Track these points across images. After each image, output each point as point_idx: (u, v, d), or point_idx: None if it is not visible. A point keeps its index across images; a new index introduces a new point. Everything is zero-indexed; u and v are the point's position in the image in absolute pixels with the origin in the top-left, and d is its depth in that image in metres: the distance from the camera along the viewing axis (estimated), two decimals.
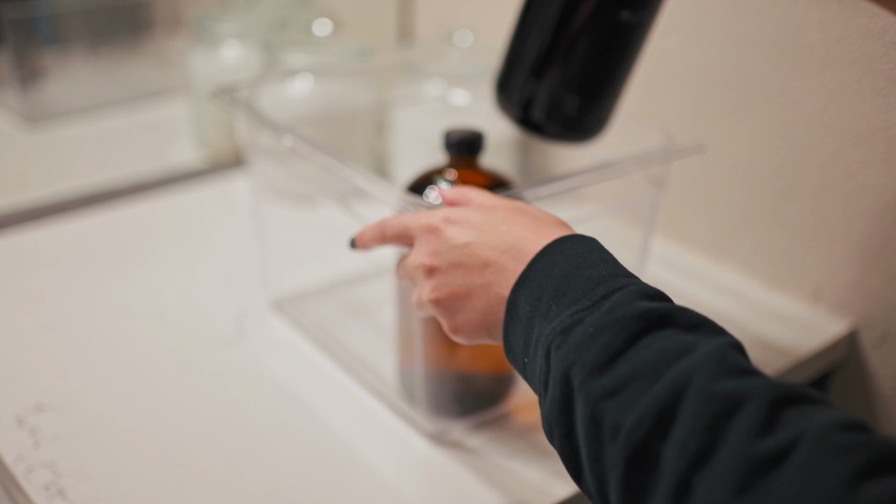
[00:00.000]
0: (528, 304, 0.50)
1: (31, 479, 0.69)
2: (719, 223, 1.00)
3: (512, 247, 0.53)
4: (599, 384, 0.42)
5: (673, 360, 0.41)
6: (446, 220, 0.56)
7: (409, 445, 0.74)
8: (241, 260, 0.99)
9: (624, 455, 0.40)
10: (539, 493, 0.69)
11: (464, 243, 0.55)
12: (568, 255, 0.50)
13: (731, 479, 0.36)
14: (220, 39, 1.23)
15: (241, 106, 0.82)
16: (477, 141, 0.72)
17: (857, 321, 0.90)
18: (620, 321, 0.44)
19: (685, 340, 0.42)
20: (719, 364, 0.40)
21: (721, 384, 0.39)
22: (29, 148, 1.30)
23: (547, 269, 0.50)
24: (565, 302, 0.47)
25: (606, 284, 0.47)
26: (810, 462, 0.35)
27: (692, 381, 0.39)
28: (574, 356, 0.44)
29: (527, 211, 0.55)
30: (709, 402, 0.38)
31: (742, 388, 0.38)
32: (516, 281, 0.51)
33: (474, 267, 0.54)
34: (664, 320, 0.44)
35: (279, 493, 0.68)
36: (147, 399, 0.78)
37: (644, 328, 0.43)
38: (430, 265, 0.56)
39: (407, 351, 0.76)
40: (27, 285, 0.94)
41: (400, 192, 0.67)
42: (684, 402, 0.39)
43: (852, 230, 0.88)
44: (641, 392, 0.41)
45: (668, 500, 0.38)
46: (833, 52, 0.84)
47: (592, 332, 0.44)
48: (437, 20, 1.24)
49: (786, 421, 0.37)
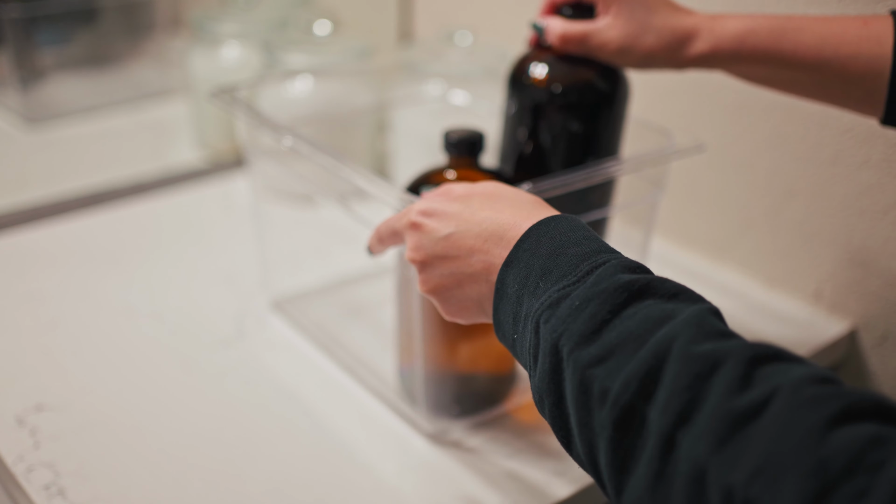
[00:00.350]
0: (517, 283, 0.51)
1: (31, 478, 0.69)
2: (719, 223, 1.00)
3: (494, 233, 0.54)
4: (587, 353, 0.44)
5: (655, 327, 0.43)
6: (424, 214, 0.57)
7: (408, 445, 0.74)
8: (242, 260, 0.99)
9: (612, 418, 0.42)
10: (539, 493, 0.69)
11: (445, 235, 0.56)
12: (553, 234, 0.51)
13: (713, 434, 0.38)
14: (220, 39, 1.23)
15: (241, 106, 0.82)
16: (477, 141, 0.72)
17: (857, 321, 0.90)
18: (604, 293, 0.46)
19: (666, 308, 0.44)
20: (699, 328, 0.42)
21: (701, 346, 0.41)
22: (29, 148, 1.30)
23: (533, 249, 0.51)
24: (552, 279, 0.49)
25: (590, 261, 0.49)
26: (785, 413, 0.37)
27: (674, 344, 0.41)
28: (562, 328, 0.46)
29: (502, 194, 0.57)
30: (689, 363, 0.40)
31: (720, 348, 0.41)
32: (504, 261, 0.53)
33: (459, 257, 0.55)
34: (645, 290, 0.46)
35: (279, 493, 0.68)
36: (147, 399, 0.78)
37: (627, 298, 0.45)
38: (416, 259, 0.57)
39: (407, 351, 0.76)
40: (27, 285, 0.94)
41: (400, 192, 0.67)
42: (667, 364, 0.41)
43: (852, 230, 0.88)
44: (627, 358, 0.43)
45: (654, 459, 0.40)
46: None
47: (579, 305, 0.46)
48: (437, 20, 1.24)
49: (762, 377, 0.39)
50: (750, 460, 0.36)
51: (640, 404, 0.41)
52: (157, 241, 1.05)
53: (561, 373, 0.46)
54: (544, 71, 0.73)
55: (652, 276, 0.47)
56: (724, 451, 0.37)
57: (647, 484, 0.40)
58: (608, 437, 0.42)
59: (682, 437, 0.39)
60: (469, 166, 0.72)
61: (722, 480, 0.37)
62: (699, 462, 0.38)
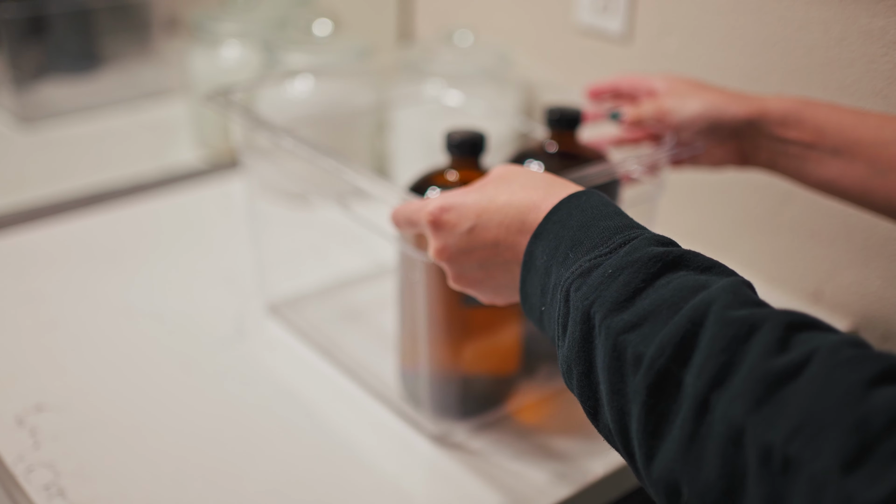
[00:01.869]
0: (546, 254, 0.51)
1: (31, 479, 0.68)
2: (719, 223, 1.00)
3: (515, 219, 0.54)
4: (620, 319, 0.44)
5: (690, 294, 0.43)
6: (442, 209, 0.57)
7: (411, 447, 0.74)
8: (241, 260, 0.99)
9: (646, 383, 0.42)
10: (542, 494, 0.69)
11: (468, 229, 0.55)
12: (584, 207, 0.51)
13: (750, 394, 0.38)
14: (220, 39, 1.23)
15: (236, 108, 0.82)
16: (479, 142, 0.72)
17: (857, 321, 0.90)
18: (638, 262, 0.46)
19: (700, 279, 0.44)
20: (735, 295, 0.42)
21: (737, 311, 0.41)
22: (26, 149, 1.30)
23: (563, 221, 0.51)
24: (583, 250, 0.49)
25: (623, 234, 0.49)
26: (825, 373, 0.37)
27: (710, 309, 0.41)
28: (594, 295, 0.46)
29: (515, 176, 0.56)
30: (726, 326, 0.40)
31: (757, 313, 0.41)
32: (533, 233, 0.52)
33: (484, 249, 0.55)
34: (679, 261, 0.46)
35: (279, 493, 0.68)
36: (147, 399, 0.78)
37: (661, 269, 0.46)
38: (442, 256, 0.58)
39: (409, 353, 0.76)
40: (27, 285, 0.94)
41: (402, 192, 0.67)
42: (704, 328, 0.41)
43: (852, 230, 0.88)
44: (662, 324, 0.43)
45: (688, 421, 0.40)
46: (833, 52, 0.84)
47: (612, 273, 0.46)
48: (437, 20, 1.24)
49: (799, 341, 0.39)
50: (789, 419, 0.36)
51: (676, 368, 0.41)
52: (156, 241, 1.04)
53: (592, 340, 0.46)
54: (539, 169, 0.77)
55: (685, 249, 0.47)
56: (761, 411, 0.37)
57: (681, 447, 0.40)
58: (642, 402, 0.42)
59: (717, 399, 0.39)
60: (471, 167, 0.72)
61: (760, 439, 0.37)
62: (736, 422, 0.38)
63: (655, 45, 0.98)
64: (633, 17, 1.00)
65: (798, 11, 0.85)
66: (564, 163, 0.77)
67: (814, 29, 0.84)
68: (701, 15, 0.94)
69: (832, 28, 0.83)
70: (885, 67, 0.80)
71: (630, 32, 1.01)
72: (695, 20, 0.94)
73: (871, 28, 0.80)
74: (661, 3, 0.97)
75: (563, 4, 1.06)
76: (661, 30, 0.98)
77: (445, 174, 0.72)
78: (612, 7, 1.01)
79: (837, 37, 0.83)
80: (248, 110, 0.82)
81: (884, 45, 0.80)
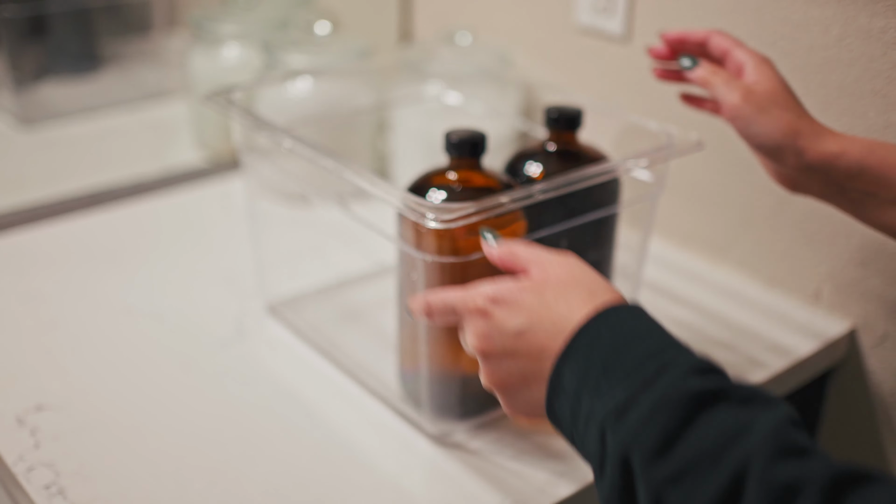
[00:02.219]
0: (575, 378, 0.49)
1: (32, 478, 0.68)
2: (719, 223, 1.00)
3: (565, 329, 0.51)
4: (659, 471, 0.43)
5: (730, 442, 0.42)
6: (493, 301, 0.53)
7: (411, 447, 0.74)
8: (241, 260, 0.99)
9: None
10: (542, 494, 0.69)
11: (517, 331, 0.52)
12: (612, 325, 0.49)
13: None
14: (220, 39, 1.23)
15: (236, 108, 0.82)
16: (479, 142, 0.72)
17: (856, 321, 0.90)
18: (675, 402, 0.44)
19: (741, 417, 0.43)
20: (776, 444, 0.41)
21: (778, 470, 0.40)
22: (29, 149, 1.30)
23: (592, 342, 0.49)
24: (615, 378, 0.47)
25: (657, 359, 0.46)
26: None
27: (750, 467, 0.40)
28: (630, 440, 0.44)
29: (579, 282, 0.53)
30: (768, 491, 0.39)
31: (799, 474, 0.40)
32: (560, 354, 0.49)
33: (529, 355, 0.52)
34: (718, 396, 0.44)
35: (279, 493, 0.68)
36: (147, 399, 0.78)
37: (698, 406, 0.44)
38: (482, 349, 0.54)
39: (409, 353, 0.76)
40: (27, 285, 0.94)
41: (402, 193, 0.67)
42: (745, 492, 0.40)
43: (852, 230, 0.88)
44: (702, 479, 0.41)
45: None
46: (833, 52, 0.84)
47: (648, 415, 0.44)
48: (437, 20, 1.24)
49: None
50: None
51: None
52: (156, 241, 1.05)
53: (633, 490, 0.45)
54: (539, 169, 0.78)
55: (724, 380, 0.45)
56: None
57: None
58: None
59: None
60: (470, 167, 0.72)
61: None
62: None
63: (655, 45, 0.98)
64: (633, 17, 1.00)
65: (797, 11, 0.85)
66: (564, 163, 0.77)
67: (813, 29, 0.85)
68: (700, 15, 0.94)
69: (832, 28, 0.83)
70: (885, 67, 0.80)
71: (630, 32, 1.01)
72: (694, 20, 0.94)
73: (871, 28, 0.80)
74: (660, 3, 0.97)
75: (562, 4, 1.06)
76: (660, 30, 0.97)
77: (445, 174, 0.72)
78: (612, 7, 1.01)
79: (837, 36, 0.83)
80: (248, 110, 0.82)
81: (883, 45, 0.80)
